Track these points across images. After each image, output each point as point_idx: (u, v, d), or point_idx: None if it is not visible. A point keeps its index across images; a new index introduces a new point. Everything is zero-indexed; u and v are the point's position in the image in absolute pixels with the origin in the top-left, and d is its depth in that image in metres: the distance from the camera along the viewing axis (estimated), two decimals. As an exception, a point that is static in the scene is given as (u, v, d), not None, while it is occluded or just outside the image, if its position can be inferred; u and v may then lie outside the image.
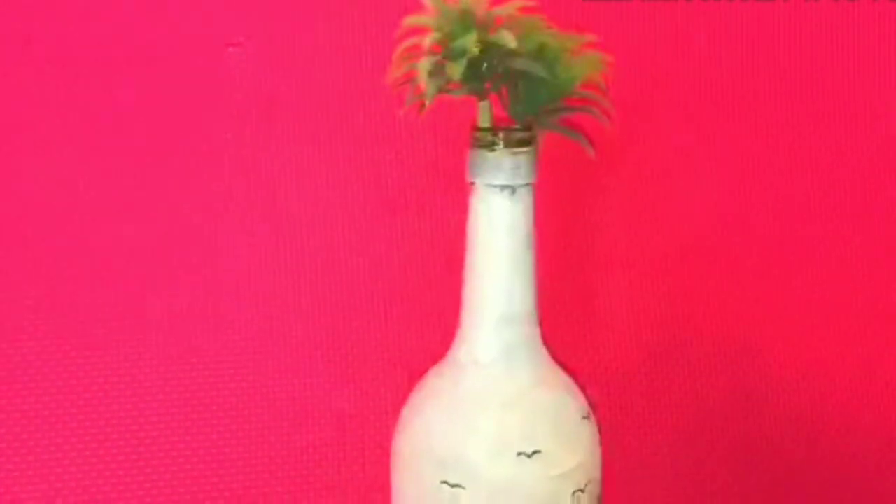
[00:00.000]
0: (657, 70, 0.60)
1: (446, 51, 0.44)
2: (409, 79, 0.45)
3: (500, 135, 0.45)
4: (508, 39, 0.43)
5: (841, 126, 0.64)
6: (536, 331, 0.47)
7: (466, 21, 0.44)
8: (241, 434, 0.59)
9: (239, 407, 0.59)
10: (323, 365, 0.59)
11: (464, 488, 0.45)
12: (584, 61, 0.46)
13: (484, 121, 0.46)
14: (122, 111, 0.57)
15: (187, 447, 0.58)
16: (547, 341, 0.48)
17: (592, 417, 0.49)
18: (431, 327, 0.58)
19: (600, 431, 0.49)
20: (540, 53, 0.45)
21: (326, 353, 0.60)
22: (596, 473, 0.48)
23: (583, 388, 0.49)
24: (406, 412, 0.48)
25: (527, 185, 0.46)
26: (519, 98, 0.46)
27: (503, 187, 0.45)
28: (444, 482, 0.46)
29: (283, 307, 0.59)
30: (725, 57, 0.62)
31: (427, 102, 0.45)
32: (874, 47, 0.64)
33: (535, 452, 0.46)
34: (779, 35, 0.64)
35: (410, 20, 0.44)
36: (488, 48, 0.44)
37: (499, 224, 0.46)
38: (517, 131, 0.45)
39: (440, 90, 0.45)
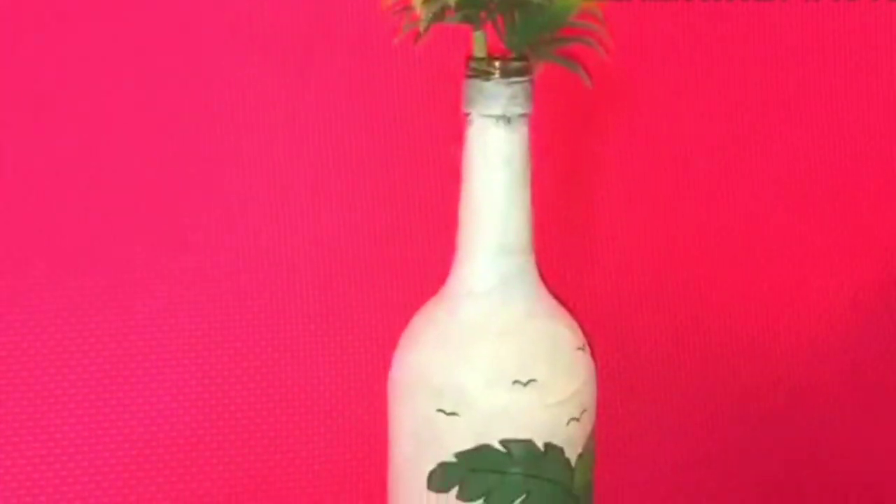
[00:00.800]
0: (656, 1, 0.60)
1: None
2: (405, 6, 0.45)
3: (496, 64, 0.45)
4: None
5: (840, 63, 0.64)
6: (532, 262, 0.47)
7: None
8: (238, 370, 0.59)
9: (236, 342, 0.59)
10: (320, 300, 0.59)
11: (459, 416, 0.46)
12: (581, -10, 0.46)
13: (479, 50, 0.46)
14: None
15: (185, 384, 0.59)
16: (543, 274, 0.49)
17: (587, 349, 0.49)
18: (428, 261, 0.58)
19: (595, 363, 0.49)
20: (536, -19, 0.45)
21: (323, 287, 0.60)
22: (591, 403, 0.48)
23: (578, 321, 0.49)
24: (402, 343, 0.48)
25: (523, 115, 0.46)
26: (515, 27, 0.46)
27: (499, 118, 0.45)
28: (440, 410, 0.46)
29: (276, 242, 0.59)
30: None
31: (423, 30, 0.45)
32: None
33: (530, 381, 0.46)
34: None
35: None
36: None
37: (494, 154, 0.46)
38: (513, 60, 0.45)
39: (436, 17, 0.45)
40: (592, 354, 0.49)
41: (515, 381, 0.46)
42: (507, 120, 0.46)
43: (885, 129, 0.64)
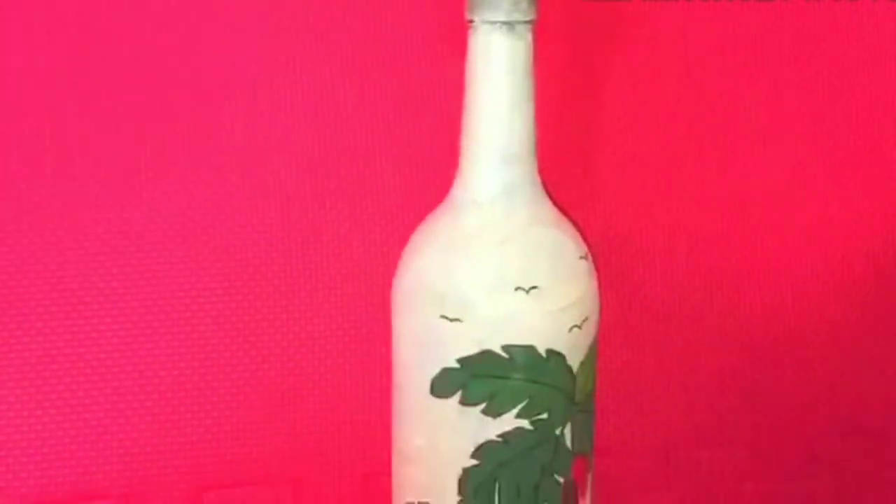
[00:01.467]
0: None
1: None
2: None
3: (500, -32, 0.46)
4: None
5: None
6: (535, 172, 0.47)
7: None
8: (238, 281, 0.58)
9: (235, 251, 0.58)
10: (323, 210, 0.59)
11: (462, 322, 0.46)
12: None
13: (483, -45, 0.46)
14: None
15: (186, 280, 0.59)
16: (546, 185, 0.49)
17: (590, 258, 0.49)
18: (432, 172, 0.58)
19: (598, 272, 0.49)
20: None
21: (327, 197, 0.60)
22: (593, 312, 0.48)
23: (581, 231, 0.49)
24: (406, 253, 0.49)
25: (527, 21, 0.45)
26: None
27: (502, 24, 0.45)
28: (443, 317, 0.46)
29: (280, 152, 0.59)
30: None
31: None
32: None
33: (532, 288, 0.46)
34: None
35: None
36: None
37: (498, 62, 0.46)
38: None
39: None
40: (595, 264, 0.50)
41: (518, 288, 0.46)
42: (511, 26, 0.46)
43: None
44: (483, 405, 0.47)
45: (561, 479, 0.49)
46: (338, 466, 0.60)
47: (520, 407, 0.47)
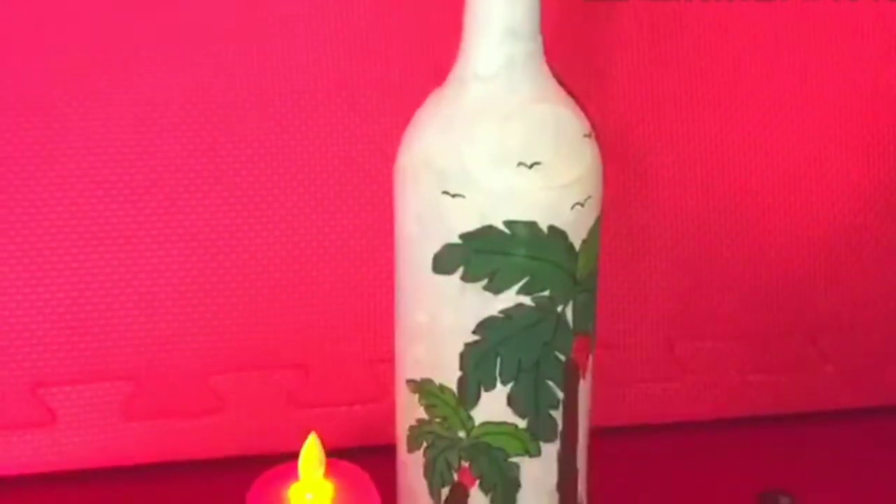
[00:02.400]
0: None
1: None
2: None
3: None
4: None
5: None
6: (540, 48, 0.47)
7: None
8: (243, 156, 0.58)
9: (243, 136, 0.58)
10: (327, 88, 0.58)
11: (464, 197, 0.46)
12: None
13: None
14: None
15: (192, 163, 0.59)
16: (551, 63, 0.48)
17: (593, 136, 0.49)
18: (435, 48, 0.57)
19: (602, 152, 0.49)
20: None
21: (329, 77, 0.59)
22: (595, 191, 0.48)
23: (585, 111, 0.49)
24: (409, 130, 0.48)
25: None
26: None
27: None
28: (445, 192, 0.46)
29: (284, 43, 0.58)
30: None
31: None
32: None
33: (535, 164, 0.46)
34: None
35: None
36: None
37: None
38: None
39: None
40: (599, 144, 0.49)
41: (520, 163, 0.46)
42: None
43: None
44: (485, 281, 0.47)
45: (562, 357, 0.49)
46: (344, 352, 0.61)
47: (521, 283, 0.47)
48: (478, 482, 0.50)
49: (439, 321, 0.48)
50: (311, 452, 0.48)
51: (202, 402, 0.60)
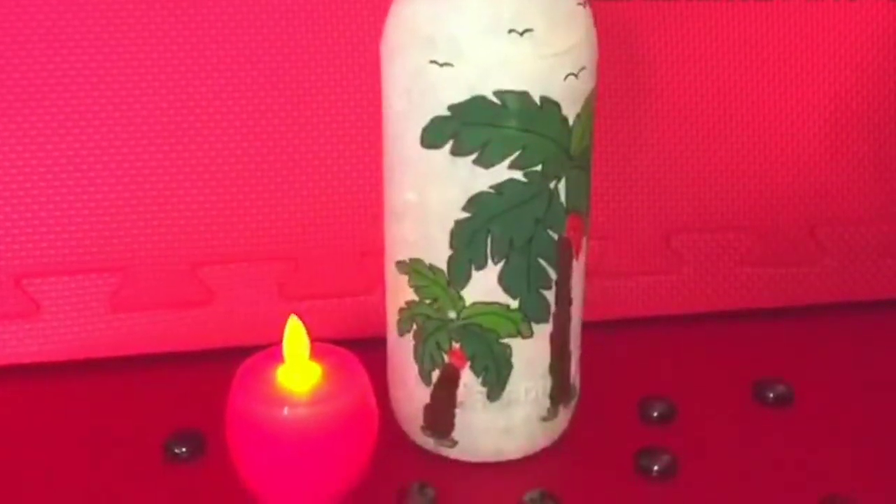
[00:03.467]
0: None
1: None
2: None
3: None
4: None
5: None
6: (532, -87, 0.46)
7: None
8: (234, 51, 0.57)
9: (232, 27, 0.56)
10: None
11: (453, 66, 0.44)
12: None
13: None
14: None
15: (183, 53, 0.57)
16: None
17: (588, 6, 0.47)
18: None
19: (595, 21, 0.48)
20: None
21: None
22: (590, 62, 0.47)
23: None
24: (395, 1, 0.47)
25: None
26: None
27: None
28: (433, 62, 0.44)
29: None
30: None
31: None
32: None
33: (526, 31, 0.44)
34: None
35: None
36: None
37: None
38: None
39: None
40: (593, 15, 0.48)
41: (511, 31, 0.44)
42: None
43: None
44: (475, 155, 0.46)
45: (555, 236, 0.48)
46: (335, 244, 0.60)
47: (512, 157, 0.46)
48: (469, 364, 0.49)
49: (428, 198, 0.47)
50: (294, 334, 0.47)
51: (191, 293, 0.59)
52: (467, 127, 0.45)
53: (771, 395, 0.57)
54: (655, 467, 0.52)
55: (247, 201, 0.59)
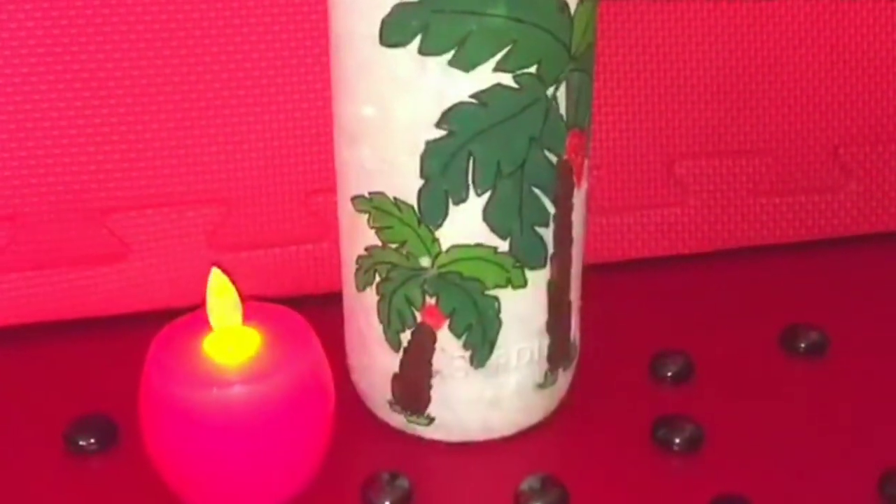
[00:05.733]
0: None
1: None
2: None
3: None
4: None
5: None
6: None
7: None
8: None
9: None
10: None
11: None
12: None
13: None
14: None
15: None
16: None
17: None
18: None
19: None
20: None
21: None
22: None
23: None
24: None
25: None
26: None
27: None
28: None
29: None
30: None
31: None
32: None
33: None
34: None
35: None
36: None
37: None
38: None
39: None
40: None
41: None
42: None
43: None
44: (450, 54, 0.36)
45: (553, 158, 0.39)
46: (273, 181, 0.50)
47: (500, 56, 0.36)
48: (447, 323, 0.40)
49: (391, 114, 0.38)
50: (220, 292, 0.38)
51: (98, 246, 0.49)
52: (440, 16, 0.35)
53: (802, 344, 0.49)
54: (677, 440, 0.43)
55: (163, 132, 0.49)
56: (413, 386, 0.42)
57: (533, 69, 0.37)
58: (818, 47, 0.55)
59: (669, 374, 0.47)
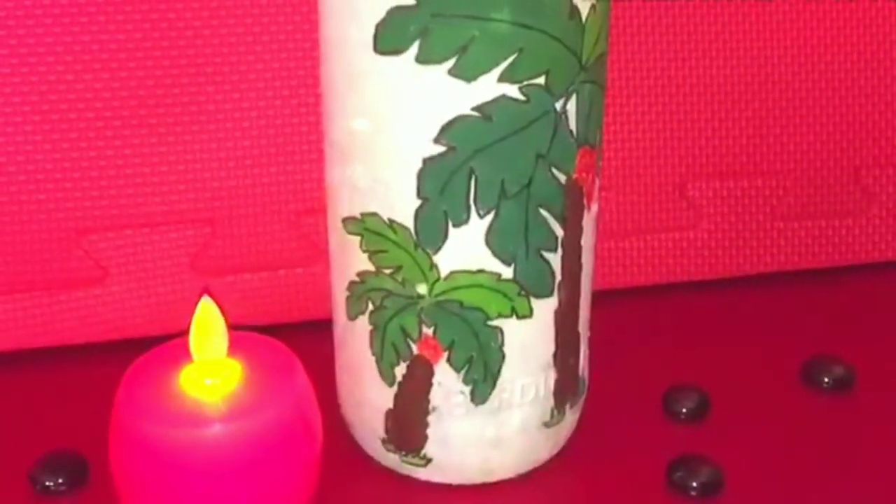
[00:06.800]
0: None
1: None
2: None
3: None
4: None
5: None
6: None
7: None
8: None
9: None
10: None
11: (418, -67, 0.33)
12: None
13: None
14: None
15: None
16: None
17: None
18: None
19: None
20: None
21: None
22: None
23: None
24: None
25: None
26: None
27: None
28: (390, -72, 0.33)
29: None
30: None
31: None
32: None
33: None
34: None
35: None
36: None
37: None
38: None
39: None
40: None
41: None
42: None
43: None
44: (451, 62, 0.33)
45: (562, 177, 0.36)
46: (261, 202, 0.48)
47: (505, 65, 0.34)
48: (445, 355, 0.38)
49: (385, 128, 0.35)
50: (205, 320, 0.35)
51: (75, 269, 0.47)
52: (439, 21, 0.33)
53: (826, 379, 0.47)
54: (694, 483, 0.41)
55: (144, 147, 0.47)
56: (408, 423, 0.39)
57: (541, 80, 0.34)
58: (838, 64, 0.53)
59: (684, 410, 0.44)
